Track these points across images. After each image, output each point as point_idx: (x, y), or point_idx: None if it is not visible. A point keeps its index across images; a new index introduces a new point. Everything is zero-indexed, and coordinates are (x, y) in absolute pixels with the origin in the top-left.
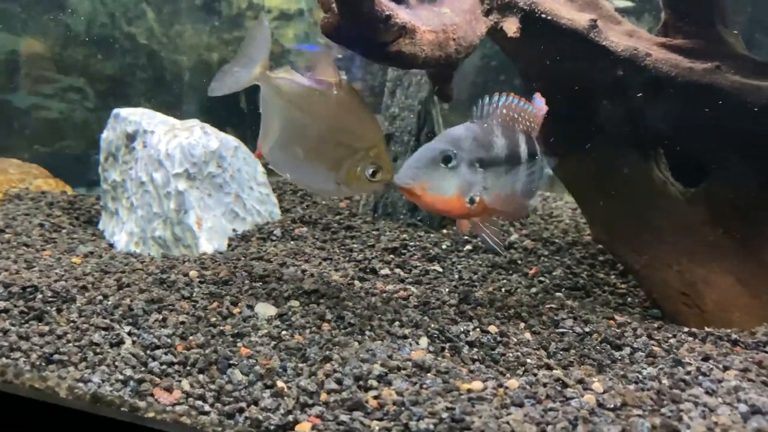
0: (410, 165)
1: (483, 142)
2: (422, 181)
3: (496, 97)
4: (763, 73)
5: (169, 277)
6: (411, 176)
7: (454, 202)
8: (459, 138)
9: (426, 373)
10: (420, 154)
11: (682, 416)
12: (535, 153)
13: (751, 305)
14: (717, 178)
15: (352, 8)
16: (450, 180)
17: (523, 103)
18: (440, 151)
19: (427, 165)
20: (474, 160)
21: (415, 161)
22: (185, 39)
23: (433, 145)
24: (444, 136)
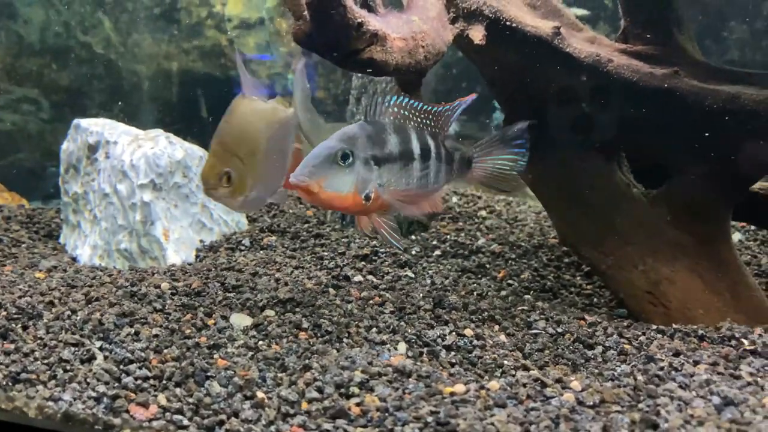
0: (307, 163)
1: (377, 139)
2: (319, 179)
3: (389, 97)
4: (718, 77)
5: (140, 290)
6: (307, 174)
7: (350, 199)
8: (354, 136)
9: (407, 378)
10: (316, 152)
11: (659, 410)
12: (440, 150)
13: (712, 302)
14: (677, 179)
15: (324, 16)
16: (346, 177)
17: (415, 102)
18: (337, 149)
19: (323, 163)
20: (369, 157)
21: (312, 159)
22: (144, 48)
23: (329, 143)
24: (339, 135)
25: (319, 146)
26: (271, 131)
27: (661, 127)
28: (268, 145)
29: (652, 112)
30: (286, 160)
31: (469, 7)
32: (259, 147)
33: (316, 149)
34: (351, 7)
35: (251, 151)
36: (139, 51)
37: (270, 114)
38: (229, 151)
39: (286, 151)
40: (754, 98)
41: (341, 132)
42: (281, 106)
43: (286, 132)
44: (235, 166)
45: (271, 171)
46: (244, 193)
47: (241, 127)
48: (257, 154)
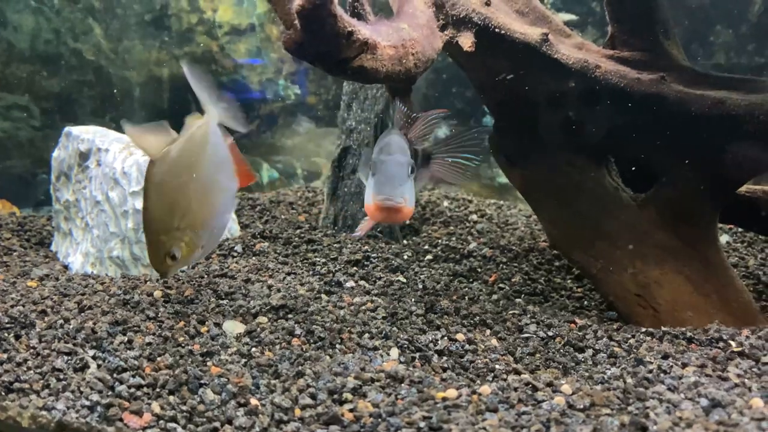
0: (393, 183)
1: (406, 148)
2: (405, 196)
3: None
4: (704, 83)
5: (133, 298)
6: (399, 195)
7: (412, 208)
8: (405, 147)
9: (400, 383)
10: (395, 170)
11: (648, 413)
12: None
13: (700, 303)
14: (664, 183)
15: (314, 25)
16: (413, 188)
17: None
18: (407, 163)
19: (404, 179)
20: (411, 166)
21: (396, 179)
22: (134, 54)
23: (398, 159)
24: (397, 147)
25: (392, 162)
26: (197, 169)
27: (649, 132)
28: (201, 188)
29: (639, 117)
30: (228, 175)
31: (458, 14)
32: (190, 201)
33: (392, 166)
34: (341, 16)
35: (183, 213)
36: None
37: (184, 155)
38: (163, 231)
39: (223, 165)
40: (739, 103)
41: (396, 143)
42: (196, 123)
43: (212, 149)
44: (175, 241)
45: (216, 205)
46: (195, 251)
47: (162, 199)
48: (192, 210)
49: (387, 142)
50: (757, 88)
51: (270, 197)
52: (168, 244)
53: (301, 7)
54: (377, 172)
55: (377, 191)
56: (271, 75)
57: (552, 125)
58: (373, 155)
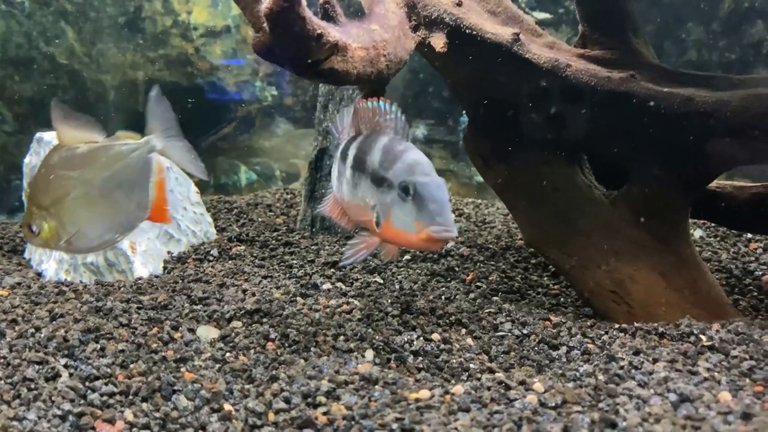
0: (446, 214)
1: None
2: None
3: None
4: (673, 80)
5: (105, 305)
6: (453, 223)
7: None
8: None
9: (374, 385)
10: (444, 198)
11: (618, 409)
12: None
13: (673, 299)
14: (636, 180)
15: (283, 28)
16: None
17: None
18: (443, 181)
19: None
20: None
21: (447, 209)
22: (108, 58)
23: (440, 182)
24: (426, 164)
25: (436, 184)
26: (93, 174)
27: (620, 130)
28: (86, 189)
29: (610, 115)
30: (137, 203)
31: (430, 15)
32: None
33: (438, 190)
34: (310, 19)
35: (57, 200)
36: (104, 61)
37: (91, 157)
38: (35, 203)
39: (134, 190)
40: (707, 100)
41: (429, 164)
42: (122, 142)
43: (127, 171)
44: (39, 218)
45: (100, 218)
46: (58, 240)
47: (46, 179)
48: (67, 202)
49: (415, 159)
50: (725, 85)
51: (247, 200)
52: (32, 217)
53: (269, 10)
54: (418, 196)
55: (428, 219)
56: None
57: (524, 125)
58: (394, 175)
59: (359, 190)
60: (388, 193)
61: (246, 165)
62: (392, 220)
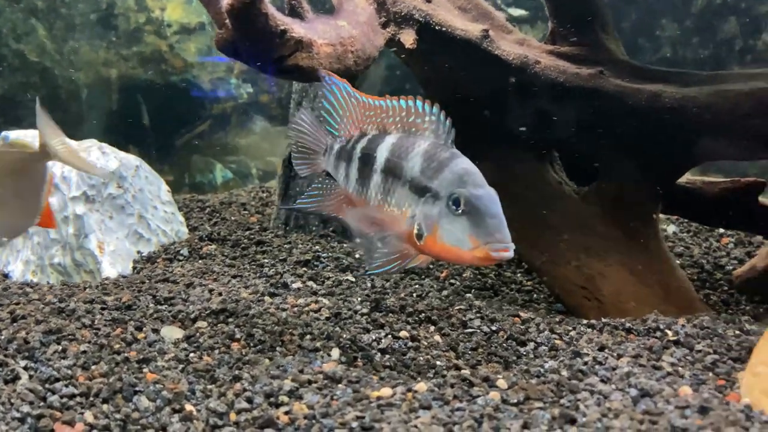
0: (505, 230)
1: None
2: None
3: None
4: (641, 76)
5: (68, 306)
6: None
7: None
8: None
9: (337, 384)
10: (499, 210)
11: (578, 405)
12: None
13: (642, 294)
14: (606, 176)
15: (245, 24)
16: None
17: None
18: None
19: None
20: None
21: (504, 222)
22: (81, 55)
23: (492, 194)
24: (478, 174)
25: (490, 198)
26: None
27: (589, 126)
28: None
29: (579, 111)
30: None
31: (399, 11)
32: None
33: (493, 203)
34: (273, 15)
35: None
36: (76, 58)
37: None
38: None
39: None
40: (674, 96)
41: (479, 175)
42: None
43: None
44: None
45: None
46: None
47: None
48: None
49: (464, 168)
50: (692, 81)
51: (221, 198)
52: None
53: (230, 6)
54: (474, 210)
55: (485, 235)
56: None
57: (495, 121)
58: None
59: (392, 198)
60: (433, 205)
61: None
62: (441, 234)
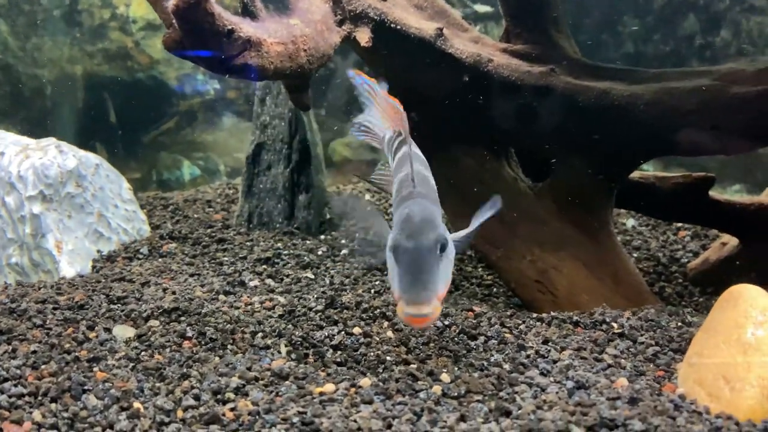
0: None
1: (434, 197)
2: (436, 294)
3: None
4: (591, 74)
5: (20, 306)
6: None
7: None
8: (433, 214)
9: (284, 381)
10: (421, 262)
11: (516, 398)
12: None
13: (595, 287)
14: (559, 172)
15: (191, 24)
16: (449, 262)
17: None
18: (436, 244)
19: (433, 271)
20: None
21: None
22: (45, 52)
23: (423, 243)
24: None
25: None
26: None
27: (541, 123)
28: None
29: (531, 108)
30: None
31: (355, 9)
32: None
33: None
34: (220, 15)
35: None
36: (40, 55)
37: None
38: None
39: None
40: (623, 93)
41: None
42: None
43: None
44: None
45: None
46: None
47: None
48: None
49: (408, 213)
50: (641, 79)
51: (186, 196)
52: None
53: (176, 7)
54: (399, 262)
55: (402, 291)
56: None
57: (449, 118)
58: (394, 231)
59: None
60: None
61: (189, 160)
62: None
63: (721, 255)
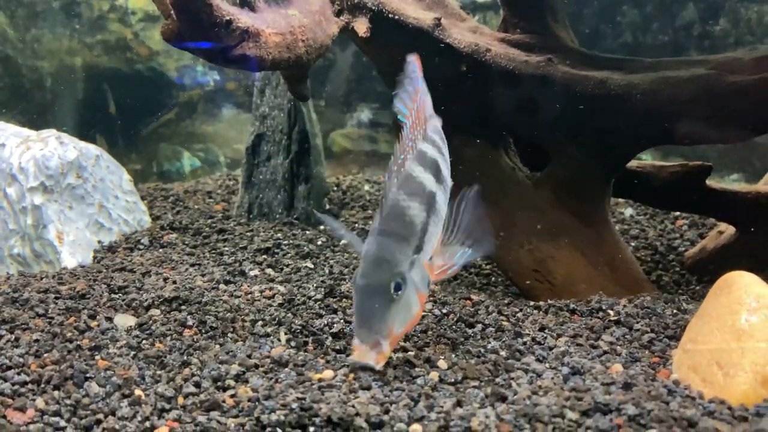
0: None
1: (406, 230)
2: (388, 330)
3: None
4: (588, 63)
5: (22, 296)
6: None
7: (421, 305)
8: (389, 252)
9: (283, 368)
10: (367, 302)
11: (511, 383)
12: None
13: (592, 276)
14: (557, 162)
15: (190, 15)
16: (409, 299)
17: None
18: (387, 285)
19: (382, 311)
20: (411, 260)
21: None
22: (44, 44)
23: (371, 283)
24: (371, 257)
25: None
26: None
27: (539, 112)
28: None
29: (529, 98)
30: None
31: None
32: None
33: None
34: (218, 6)
35: None
36: (39, 47)
37: None
38: None
39: None
40: (619, 82)
41: (374, 257)
42: None
43: None
44: None
45: None
46: None
47: None
48: None
49: (366, 251)
50: (637, 69)
51: (186, 187)
52: None
53: None
54: (353, 300)
55: (354, 329)
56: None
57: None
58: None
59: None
60: None
61: (189, 151)
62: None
63: (718, 243)
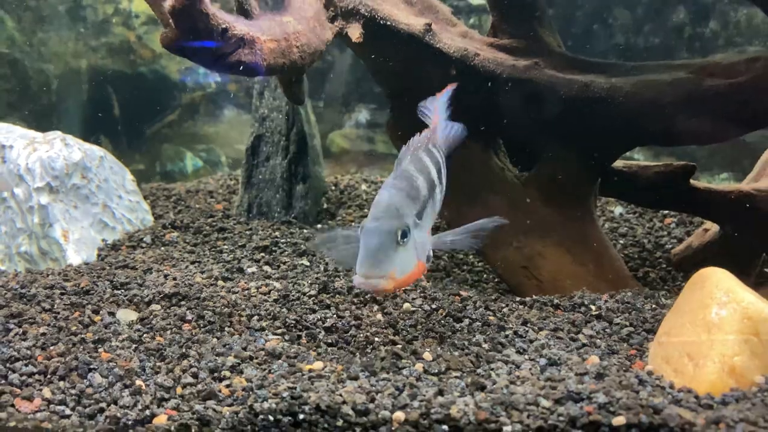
0: (372, 262)
1: (412, 193)
2: (390, 272)
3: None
4: (574, 67)
5: (29, 292)
6: (381, 271)
7: (418, 270)
8: (400, 204)
9: (276, 359)
10: (375, 243)
11: (491, 374)
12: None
13: (578, 272)
14: (544, 162)
15: (187, 23)
16: (410, 253)
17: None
18: (395, 231)
19: (388, 253)
20: (415, 219)
21: (376, 253)
22: (50, 46)
23: (383, 227)
24: (386, 209)
25: (375, 232)
26: None
27: (527, 115)
28: None
29: (516, 101)
30: None
31: (346, 5)
32: None
33: (374, 237)
34: (214, 14)
35: None
36: (45, 50)
37: None
38: None
39: None
40: (603, 85)
41: (386, 205)
42: None
43: None
44: None
45: None
46: None
47: None
48: None
49: (378, 199)
50: (621, 72)
51: (188, 187)
52: None
53: (171, 8)
54: (361, 241)
55: (358, 265)
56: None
57: None
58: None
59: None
60: None
61: (192, 152)
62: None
63: (703, 241)
